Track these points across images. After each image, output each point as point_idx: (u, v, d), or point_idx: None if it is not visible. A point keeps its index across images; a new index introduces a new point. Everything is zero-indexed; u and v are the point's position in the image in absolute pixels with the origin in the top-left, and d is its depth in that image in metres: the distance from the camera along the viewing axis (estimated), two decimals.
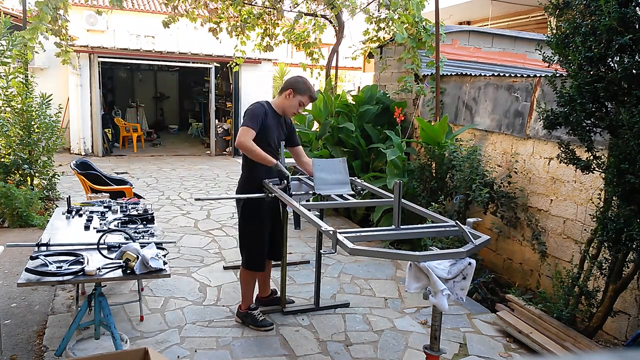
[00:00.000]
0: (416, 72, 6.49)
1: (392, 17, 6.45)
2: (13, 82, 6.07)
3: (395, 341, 3.44)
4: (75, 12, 11.93)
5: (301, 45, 8.67)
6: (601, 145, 3.45)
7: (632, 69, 2.75)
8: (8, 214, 5.61)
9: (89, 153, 11.39)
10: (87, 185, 5.20)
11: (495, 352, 3.36)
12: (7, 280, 4.13)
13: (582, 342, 3.19)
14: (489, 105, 5.29)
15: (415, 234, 2.82)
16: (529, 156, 4.64)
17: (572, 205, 4.14)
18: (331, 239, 2.47)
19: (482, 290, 4.42)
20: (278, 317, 3.69)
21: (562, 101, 3.15)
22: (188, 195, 7.69)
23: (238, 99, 12.49)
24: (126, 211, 3.71)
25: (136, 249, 2.66)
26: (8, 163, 6.04)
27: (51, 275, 2.50)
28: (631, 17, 2.72)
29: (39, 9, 6.03)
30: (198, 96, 15.47)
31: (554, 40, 3.17)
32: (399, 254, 2.75)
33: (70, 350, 2.99)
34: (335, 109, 6.84)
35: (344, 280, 4.50)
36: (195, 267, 4.61)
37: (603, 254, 3.33)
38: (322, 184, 3.32)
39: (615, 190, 2.97)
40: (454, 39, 6.79)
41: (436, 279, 2.25)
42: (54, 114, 6.49)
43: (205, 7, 8.50)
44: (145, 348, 1.93)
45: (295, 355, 3.20)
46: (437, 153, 5.16)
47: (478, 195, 4.48)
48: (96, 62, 11.14)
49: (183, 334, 3.40)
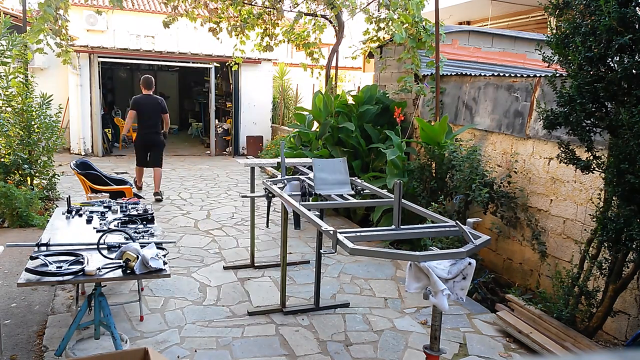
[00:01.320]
0: (416, 72, 6.49)
1: (392, 17, 6.45)
2: (13, 82, 6.07)
3: (395, 341, 3.44)
4: (75, 12, 11.94)
5: (301, 45, 8.68)
6: (601, 145, 3.45)
7: (632, 69, 2.75)
8: (8, 214, 5.61)
9: (89, 153, 11.38)
10: (87, 185, 5.20)
11: (495, 352, 3.36)
12: (7, 280, 4.13)
13: (582, 342, 3.19)
14: (488, 105, 5.29)
15: (415, 234, 2.82)
16: (528, 156, 4.64)
17: (572, 205, 4.14)
18: (331, 239, 2.47)
19: (482, 290, 4.42)
20: (278, 317, 3.69)
21: (562, 101, 3.15)
22: (188, 195, 7.69)
23: (238, 99, 12.49)
24: (126, 211, 3.71)
25: (136, 249, 2.66)
26: (8, 163, 6.04)
27: (51, 275, 2.50)
28: (631, 17, 2.72)
29: (41, 10, 6.04)
30: (198, 96, 15.47)
31: (554, 40, 3.17)
32: (399, 254, 2.76)
33: (70, 350, 2.99)
34: (335, 109, 6.84)
35: (344, 280, 4.50)
36: (195, 267, 4.61)
37: (603, 254, 3.33)
38: (322, 184, 3.32)
39: (615, 190, 2.97)
40: (454, 39, 6.79)
41: (436, 279, 2.25)
42: (54, 114, 6.49)
43: (205, 7, 8.51)
44: (145, 348, 1.93)
45: (295, 355, 3.20)
46: (437, 153, 5.16)
47: (478, 195, 4.48)
48: (96, 62, 11.14)
49: (183, 334, 3.40)
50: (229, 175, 9.57)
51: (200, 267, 4.62)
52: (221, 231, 5.82)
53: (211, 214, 6.56)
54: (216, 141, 12.47)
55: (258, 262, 4.71)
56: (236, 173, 9.80)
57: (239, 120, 12.52)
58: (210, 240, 5.45)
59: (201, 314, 3.70)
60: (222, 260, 4.85)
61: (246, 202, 6.98)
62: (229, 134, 12.71)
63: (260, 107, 12.69)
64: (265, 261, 4.79)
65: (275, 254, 5.01)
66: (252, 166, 4.70)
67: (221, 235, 5.65)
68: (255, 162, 4.89)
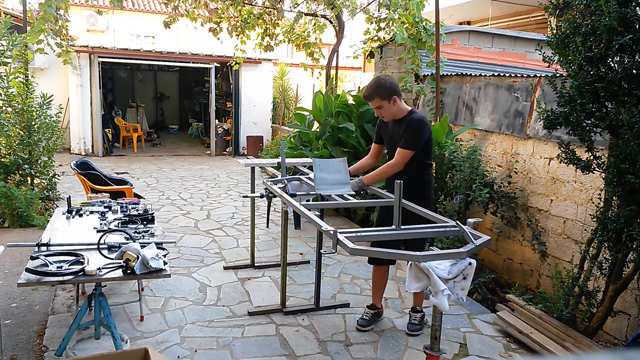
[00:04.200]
0: (416, 72, 6.49)
1: (392, 17, 6.45)
2: (13, 82, 6.07)
3: (395, 341, 3.44)
4: (75, 12, 11.95)
5: (301, 45, 8.68)
6: (601, 145, 3.45)
7: (632, 69, 2.75)
8: (8, 214, 5.61)
9: (89, 153, 11.39)
10: (88, 185, 5.20)
11: (495, 352, 3.36)
12: (8, 280, 4.13)
13: (582, 342, 3.19)
14: (489, 105, 5.29)
15: (416, 234, 2.82)
16: (529, 156, 4.64)
17: (572, 205, 4.14)
18: (332, 239, 2.47)
19: (482, 290, 4.42)
20: (278, 317, 3.69)
21: (562, 101, 3.15)
22: (188, 195, 7.69)
23: (238, 99, 12.49)
24: (126, 211, 3.71)
25: (136, 249, 2.66)
26: (8, 163, 6.04)
27: (51, 275, 2.50)
28: (631, 17, 2.72)
29: (42, 10, 6.04)
30: (198, 96, 15.47)
31: (554, 40, 3.17)
32: (400, 254, 2.76)
33: (71, 350, 2.99)
34: (335, 109, 6.84)
35: (344, 280, 4.50)
36: (196, 267, 4.61)
37: (603, 254, 3.33)
38: (322, 184, 3.32)
39: (616, 190, 2.97)
40: (454, 39, 6.79)
41: (437, 279, 2.25)
42: (54, 114, 6.49)
43: (205, 7, 8.51)
44: (146, 348, 1.93)
45: (295, 355, 3.20)
46: (437, 153, 5.16)
47: (478, 196, 4.48)
48: (96, 62, 11.14)
49: (183, 334, 3.40)
50: (229, 175, 9.57)
51: (200, 267, 4.62)
52: (221, 231, 5.82)
53: (211, 214, 6.56)
54: (216, 141, 12.47)
55: (258, 262, 4.71)
56: (236, 173, 9.80)
57: (239, 120, 12.52)
58: (210, 240, 5.45)
59: (201, 314, 3.70)
60: (222, 260, 4.85)
61: (246, 202, 6.99)
62: (229, 134, 12.71)
63: (260, 107, 12.69)
64: (265, 261, 4.79)
65: (276, 254, 5.01)
66: (253, 166, 4.70)
67: (221, 235, 5.65)
68: (256, 162, 4.89)
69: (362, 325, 3.57)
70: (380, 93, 3.33)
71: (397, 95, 3.34)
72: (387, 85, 3.34)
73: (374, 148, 3.75)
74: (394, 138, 3.46)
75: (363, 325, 3.57)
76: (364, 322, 3.59)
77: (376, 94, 3.34)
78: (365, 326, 3.57)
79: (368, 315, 3.64)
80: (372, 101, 3.38)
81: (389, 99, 3.32)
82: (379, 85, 3.35)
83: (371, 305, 3.72)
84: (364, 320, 3.60)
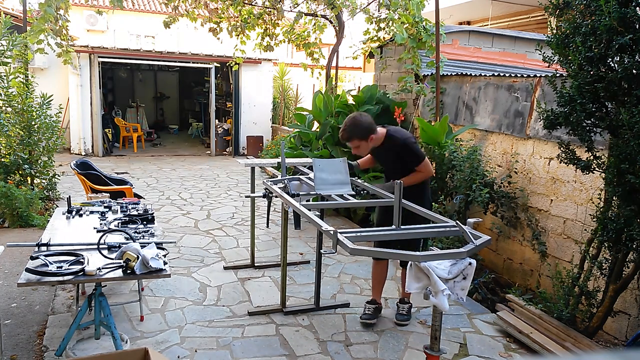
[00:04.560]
0: (416, 72, 6.49)
1: (392, 17, 6.45)
2: (13, 82, 6.07)
3: (395, 341, 3.44)
4: (75, 12, 11.94)
5: (301, 45, 8.68)
6: (601, 145, 3.45)
7: (632, 69, 2.75)
8: (8, 214, 5.61)
9: (89, 153, 11.39)
10: (88, 185, 5.20)
11: (495, 352, 3.36)
12: (8, 280, 4.13)
13: (582, 342, 3.19)
14: (489, 105, 5.29)
15: (416, 234, 2.82)
16: (529, 156, 4.64)
17: (572, 205, 4.14)
18: (332, 239, 2.47)
19: (482, 290, 4.42)
20: (278, 317, 3.69)
21: (562, 101, 3.15)
22: (188, 195, 7.69)
23: (238, 99, 12.49)
24: (126, 211, 3.71)
25: (136, 249, 2.66)
26: (8, 163, 6.04)
27: (51, 275, 2.50)
28: (631, 17, 2.72)
29: (42, 10, 6.04)
30: (198, 96, 15.47)
31: (554, 40, 3.17)
32: (400, 254, 2.76)
33: (71, 350, 2.99)
34: (335, 109, 6.84)
35: (344, 280, 4.50)
36: (196, 267, 4.61)
37: (603, 254, 3.33)
38: (322, 184, 3.32)
39: (616, 190, 2.97)
40: (454, 39, 6.79)
41: (437, 279, 2.25)
42: (54, 114, 6.49)
43: (205, 7, 8.51)
44: (146, 348, 1.93)
45: (295, 355, 3.20)
46: (437, 153, 5.16)
47: (478, 196, 4.48)
48: (96, 62, 11.14)
49: (183, 334, 3.40)
50: (229, 175, 9.57)
51: (200, 267, 4.62)
52: (221, 231, 5.82)
53: (211, 214, 6.56)
54: (216, 141, 12.47)
55: (258, 262, 4.71)
56: (236, 173, 9.80)
57: (239, 120, 12.52)
58: (210, 240, 5.45)
59: (201, 314, 3.70)
60: (222, 260, 4.85)
61: (246, 202, 6.99)
62: (229, 134, 12.71)
63: (260, 107, 12.69)
64: (265, 261, 4.79)
65: (276, 254, 5.01)
66: (253, 166, 4.70)
67: (221, 235, 5.65)
68: (256, 162, 4.89)
69: (366, 319, 3.62)
70: (357, 134, 3.41)
71: (373, 133, 3.42)
72: (365, 126, 3.40)
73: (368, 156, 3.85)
74: (384, 161, 3.71)
75: (367, 319, 3.62)
76: (367, 316, 3.64)
77: (354, 135, 3.42)
78: (368, 319, 3.61)
79: (370, 310, 3.69)
80: (350, 142, 3.47)
81: (366, 138, 3.41)
82: (356, 126, 3.40)
83: (371, 300, 3.79)
84: (367, 315, 3.65)
